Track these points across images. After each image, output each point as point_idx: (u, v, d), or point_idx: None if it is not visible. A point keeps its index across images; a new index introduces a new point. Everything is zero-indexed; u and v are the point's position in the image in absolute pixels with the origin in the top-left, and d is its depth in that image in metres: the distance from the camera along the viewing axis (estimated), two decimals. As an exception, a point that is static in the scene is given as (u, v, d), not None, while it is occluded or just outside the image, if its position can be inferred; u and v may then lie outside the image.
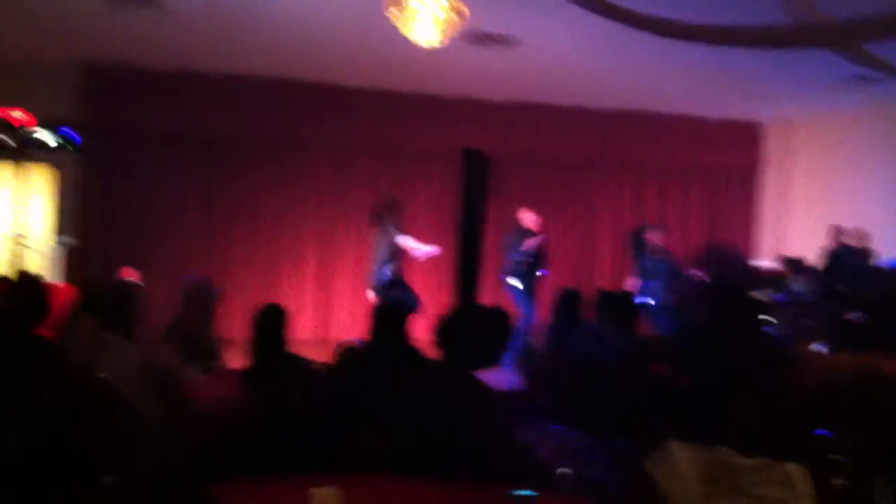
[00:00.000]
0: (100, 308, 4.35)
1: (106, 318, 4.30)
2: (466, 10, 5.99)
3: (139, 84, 10.37)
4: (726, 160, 13.16)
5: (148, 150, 10.64)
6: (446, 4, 5.90)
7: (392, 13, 6.12)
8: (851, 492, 2.67)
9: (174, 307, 6.20)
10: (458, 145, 12.00)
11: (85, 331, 4.38)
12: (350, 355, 4.66)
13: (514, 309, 9.55)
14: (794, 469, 2.01)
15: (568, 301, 6.70)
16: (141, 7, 7.85)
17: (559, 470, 4.78)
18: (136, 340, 4.57)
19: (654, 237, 10.75)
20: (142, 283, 8.25)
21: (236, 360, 5.60)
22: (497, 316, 3.68)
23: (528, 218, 10.22)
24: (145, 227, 10.63)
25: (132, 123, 10.48)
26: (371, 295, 9.13)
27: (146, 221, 10.64)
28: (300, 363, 4.35)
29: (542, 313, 9.63)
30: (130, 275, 7.95)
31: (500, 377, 4.69)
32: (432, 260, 10.84)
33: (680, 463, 1.95)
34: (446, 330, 3.46)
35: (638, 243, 11.06)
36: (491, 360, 3.47)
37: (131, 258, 9.81)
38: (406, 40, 6.46)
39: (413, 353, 4.40)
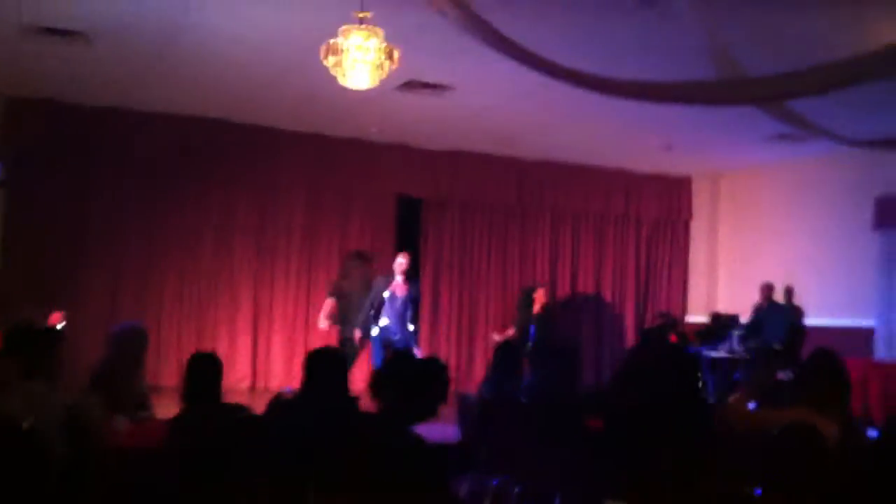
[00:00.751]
0: (22, 354, 4.19)
1: (29, 364, 4.15)
2: (396, 54, 6.04)
3: (67, 118, 10.17)
4: (658, 212, 13.46)
5: (77, 185, 10.45)
6: (380, 48, 5.94)
7: (329, 62, 6.12)
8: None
9: (102, 350, 6.04)
10: (391, 190, 12.05)
11: (7, 378, 4.21)
12: (282, 405, 4.57)
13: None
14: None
15: (505, 353, 6.69)
16: (66, 40, 7.74)
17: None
18: (60, 388, 4.41)
19: (540, 297, 11.25)
20: (64, 329, 8.03)
21: (166, 408, 5.46)
22: (433, 367, 3.65)
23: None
24: (73, 264, 10.39)
25: (58, 158, 10.27)
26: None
27: (74, 259, 10.40)
28: (230, 412, 4.24)
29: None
30: (57, 318, 7.72)
31: (435, 429, 4.65)
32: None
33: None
34: (382, 382, 3.41)
35: (526, 300, 11.43)
36: (427, 413, 3.43)
37: (59, 298, 9.59)
38: (339, 86, 6.49)
39: (347, 403, 4.33)
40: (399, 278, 9.16)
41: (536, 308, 11.24)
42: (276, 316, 11.44)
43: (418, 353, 9.02)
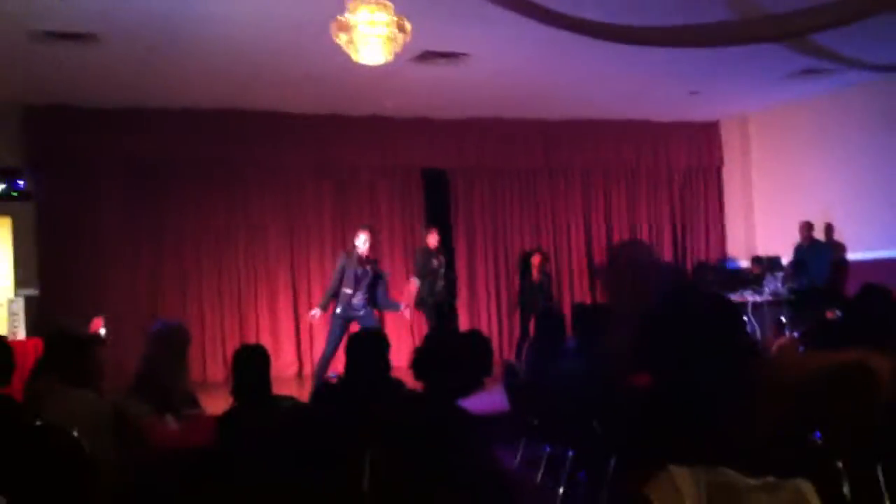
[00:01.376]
0: (64, 363, 4.20)
1: (70, 372, 4.16)
2: (408, 26, 5.95)
3: (85, 122, 10.15)
4: (688, 160, 13.27)
5: (104, 189, 10.46)
6: (390, 21, 5.85)
7: (340, 38, 6.04)
8: (860, 497, 2.59)
9: (143, 351, 6.05)
10: (414, 164, 11.97)
11: (51, 387, 4.23)
12: (328, 391, 4.55)
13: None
14: (803, 486, 1.92)
15: (548, 320, 6.64)
16: (76, 42, 7.72)
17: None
18: (104, 392, 4.43)
19: (535, 261, 11.12)
20: (106, 335, 8.07)
21: (215, 404, 5.46)
22: (475, 340, 3.59)
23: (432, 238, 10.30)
24: (108, 269, 10.42)
25: (83, 163, 10.28)
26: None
27: (108, 263, 10.43)
28: (282, 402, 4.23)
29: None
30: (98, 324, 7.76)
31: (483, 399, 4.61)
32: (407, 280, 10.96)
33: (681, 487, 1.85)
34: (425, 359, 3.36)
35: (524, 266, 11.36)
36: (473, 387, 3.38)
37: (97, 303, 9.65)
38: (355, 64, 6.42)
39: (392, 384, 4.30)
40: (363, 254, 9.00)
41: (535, 274, 11.13)
42: (315, 301, 11.40)
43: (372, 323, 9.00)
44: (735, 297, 10.45)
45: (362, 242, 8.99)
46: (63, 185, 10.22)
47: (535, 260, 11.17)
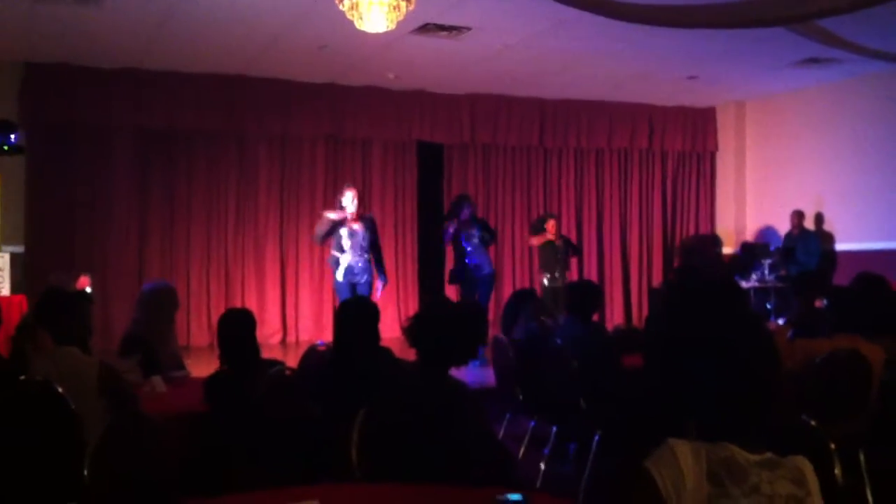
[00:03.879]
0: (53, 319, 4.16)
1: (59, 329, 4.12)
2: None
3: (84, 81, 10.06)
4: (683, 144, 13.27)
5: (96, 149, 10.38)
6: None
7: (343, 5, 5.99)
8: (849, 481, 2.60)
9: (130, 312, 6.02)
10: (411, 137, 11.92)
11: (39, 344, 4.19)
12: (317, 358, 4.53)
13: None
14: (803, 464, 1.92)
15: (520, 299, 6.65)
16: (79, 3, 7.62)
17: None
18: (92, 351, 4.39)
19: (551, 227, 10.75)
20: (90, 291, 8.03)
21: (199, 368, 5.44)
22: (470, 310, 3.58)
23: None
24: (98, 228, 10.37)
25: (77, 122, 10.19)
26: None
27: (96, 223, 10.37)
28: (270, 367, 4.20)
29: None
30: (85, 283, 7.71)
31: (471, 373, 4.61)
32: (397, 251, 10.78)
33: (682, 461, 1.85)
34: (419, 328, 3.34)
35: (538, 231, 11.05)
36: (466, 357, 3.36)
37: (85, 263, 9.60)
38: (357, 33, 6.36)
39: (383, 353, 4.28)
40: (350, 214, 8.67)
41: (555, 239, 10.91)
42: (302, 268, 11.41)
43: (381, 286, 8.89)
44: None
45: (350, 201, 8.65)
46: (58, 142, 10.13)
47: (551, 224, 10.89)
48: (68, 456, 3.60)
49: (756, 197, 13.02)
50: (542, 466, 5.54)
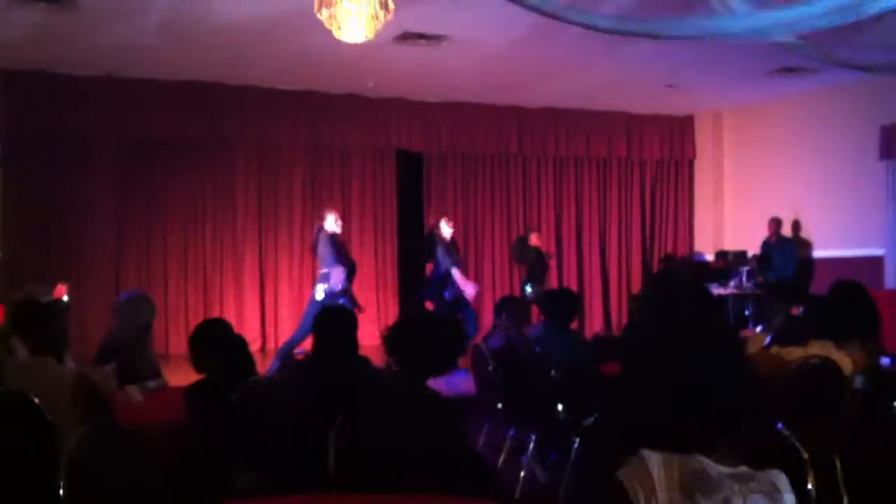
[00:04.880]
0: (28, 329, 4.13)
1: (35, 339, 4.09)
2: (392, 3, 5.91)
3: (61, 89, 9.98)
4: (661, 152, 13.35)
5: (73, 157, 10.31)
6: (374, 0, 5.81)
7: (322, 14, 5.99)
8: (819, 489, 2.62)
9: (107, 321, 6.00)
10: (390, 145, 11.93)
11: (14, 354, 4.17)
12: (295, 366, 4.52)
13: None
14: (777, 478, 1.93)
15: (513, 304, 6.66)
16: (55, 7, 7.58)
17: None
18: (67, 361, 4.37)
19: (534, 240, 11.03)
20: (69, 301, 7.98)
21: (176, 377, 5.42)
22: (447, 321, 3.59)
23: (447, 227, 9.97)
24: (74, 237, 10.30)
25: (54, 129, 10.09)
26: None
27: (75, 231, 10.30)
28: (242, 377, 4.18)
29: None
30: (62, 291, 7.66)
31: (451, 382, 4.62)
32: (376, 260, 10.78)
33: (654, 473, 1.86)
34: (397, 338, 3.35)
35: (522, 247, 11.31)
36: (444, 367, 3.37)
37: (62, 272, 9.53)
38: (335, 41, 6.36)
39: (361, 361, 4.28)
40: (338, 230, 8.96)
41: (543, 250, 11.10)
42: (281, 276, 11.38)
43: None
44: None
45: (333, 222, 8.87)
46: (34, 150, 10.06)
47: (535, 239, 11.04)
48: (43, 467, 3.57)
49: (734, 204, 13.11)
50: (522, 474, 5.55)
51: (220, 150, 11.12)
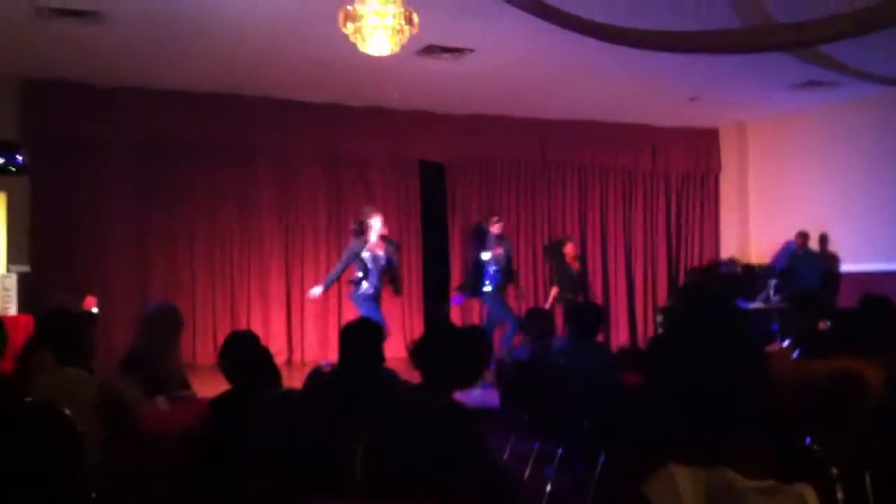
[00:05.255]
0: (57, 340, 4.18)
1: (63, 350, 4.14)
2: (416, 18, 5.94)
3: (86, 99, 10.09)
4: (686, 165, 13.29)
5: (99, 168, 10.40)
6: (398, 13, 5.84)
7: (347, 28, 6.03)
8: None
9: (133, 333, 6.04)
10: (412, 155, 11.95)
11: (43, 364, 4.22)
12: (322, 379, 4.54)
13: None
14: (804, 490, 1.92)
15: (539, 317, 6.66)
16: (80, 20, 7.68)
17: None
18: (95, 372, 4.41)
19: (569, 249, 10.97)
20: (96, 312, 8.05)
21: (204, 388, 5.45)
22: (474, 334, 3.60)
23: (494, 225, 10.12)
24: (102, 249, 10.38)
25: (79, 140, 10.20)
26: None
27: (102, 243, 10.39)
28: (272, 391, 4.21)
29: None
30: (91, 303, 7.74)
31: (476, 394, 4.63)
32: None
33: (680, 486, 1.86)
34: (423, 351, 3.36)
35: (556, 255, 11.24)
36: (469, 380, 3.38)
37: (89, 282, 9.61)
38: (359, 53, 6.41)
39: (386, 374, 4.30)
40: (376, 238, 9.00)
41: (573, 264, 11.04)
42: (307, 288, 11.39)
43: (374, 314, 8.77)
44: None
45: (379, 224, 9.00)
46: (60, 161, 10.16)
47: (570, 249, 11.02)
48: (73, 477, 3.61)
49: (759, 218, 13.04)
50: (548, 488, 5.54)
51: (243, 161, 11.19)
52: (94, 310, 8.02)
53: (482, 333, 3.62)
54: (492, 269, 9.93)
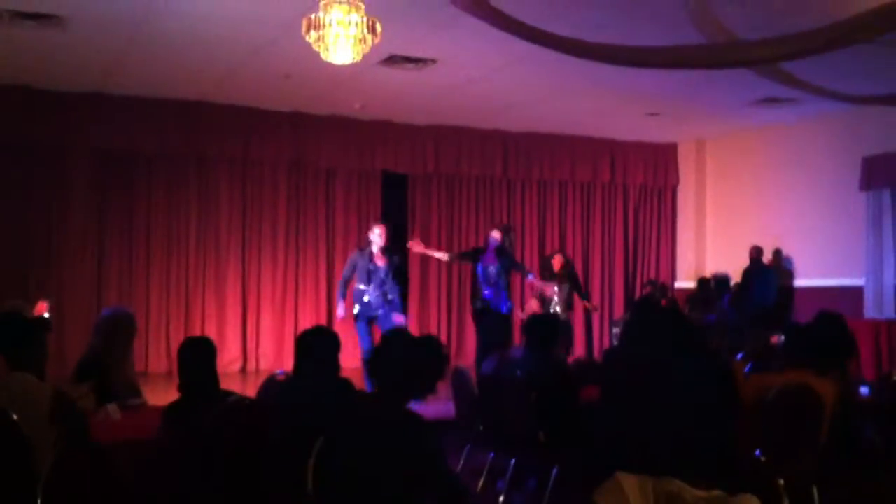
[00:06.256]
0: (8, 345, 4.10)
1: (14, 355, 4.06)
2: (379, 27, 5.96)
3: (42, 104, 9.94)
4: (644, 179, 13.45)
5: (53, 172, 10.27)
6: (362, 22, 5.85)
7: (310, 37, 6.03)
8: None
9: (87, 339, 5.96)
10: (375, 166, 11.96)
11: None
12: (276, 388, 4.51)
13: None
14: (750, 501, 1.95)
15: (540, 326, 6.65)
16: (39, 24, 7.59)
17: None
18: (48, 378, 4.33)
19: (557, 261, 10.76)
20: (50, 318, 7.92)
21: (156, 396, 5.40)
22: (429, 344, 3.59)
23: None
24: (55, 253, 10.25)
25: (35, 144, 10.07)
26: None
27: (56, 248, 10.26)
28: (225, 397, 4.18)
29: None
30: (43, 308, 7.60)
31: (430, 405, 4.62)
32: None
33: (629, 495, 1.88)
34: (377, 360, 3.35)
35: (546, 267, 11.09)
36: (425, 390, 3.38)
37: (42, 287, 9.48)
38: (322, 62, 6.41)
39: (341, 383, 4.28)
40: (376, 250, 8.75)
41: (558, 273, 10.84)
42: (264, 297, 11.35)
43: (401, 319, 8.78)
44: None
45: (377, 237, 8.74)
46: (12, 164, 10.01)
47: (557, 262, 10.72)
48: (21, 484, 3.55)
49: (716, 232, 13.21)
50: (501, 499, 5.55)
51: (204, 168, 11.12)
52: (46, 315, 7.88)
53: (437, 343, 3.62)
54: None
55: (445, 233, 12.37)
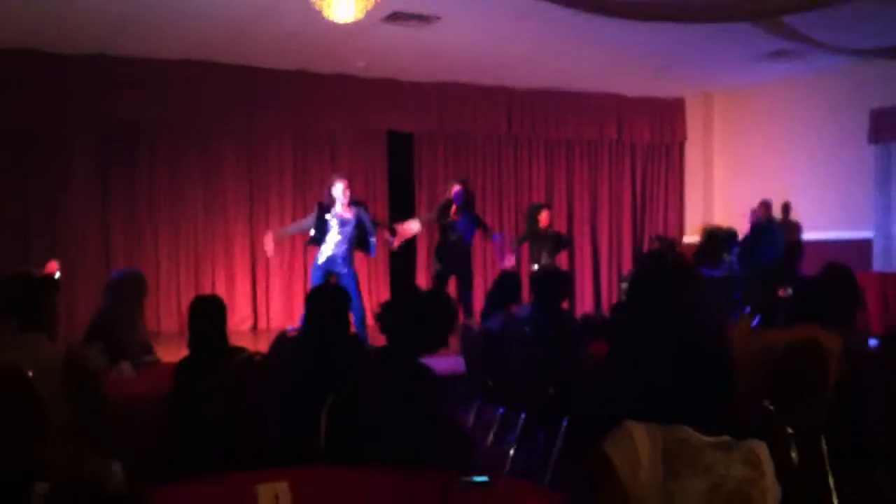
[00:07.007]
0: (18, 305, 4.12)
1: (25, 315, 4.09)
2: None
3: (43, 69, 9.82)
4: (651, 135, 13.37)
5: (57, 136, 10.20)
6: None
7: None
8: (804, 464, 2.66)
9: (96, 300, 6.00)
10: (380, 125, 11.90)
11: (5, 330, 4.16)
12: (287, 344, 4.55)
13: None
14: (757, 447, 1.97)
15: (506, 284, 6.69)
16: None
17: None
18: (58, 338, 4.37)
19: (543, 217, 10.55)
20: (60, 279, 7.97)
21: (168, 354, 5.44)
22: (440, 299, 3.62)
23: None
24: (63, 215, 10.25)
25: (36, 113, 9.94)
26: None
27: (62, 208, 10.25)
28: (237, 354, 4.22)
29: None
30: (54, 267, 7.64)
31: (441, 360, 4.65)
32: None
33: (638, 443, 1.90)
34: (389, 315, 3.38)
35: (531, 221, 10.87)
36: (435, 345, 3.40)
37: (52, 249, 9.51)
38: (325, 20, 6.36)
39: (351, 339, 4.31)
40: (340, 208, 8.44)
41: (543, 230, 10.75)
42: (272, 258, 11.37)
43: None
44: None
45: (340, 192, 8.42)
46: (15, 129, 9.94)
47: (545, 217, 10.47)
48: (35, 442, 3.59)
49: (724, 187, 13.17)
50: (511, 453, 5.60)
51: (208, 131, 11.07)
52: (57, 275, 7.93)
53: (448, 298, 3.64)
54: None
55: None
